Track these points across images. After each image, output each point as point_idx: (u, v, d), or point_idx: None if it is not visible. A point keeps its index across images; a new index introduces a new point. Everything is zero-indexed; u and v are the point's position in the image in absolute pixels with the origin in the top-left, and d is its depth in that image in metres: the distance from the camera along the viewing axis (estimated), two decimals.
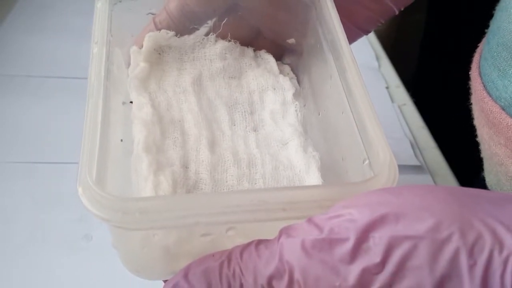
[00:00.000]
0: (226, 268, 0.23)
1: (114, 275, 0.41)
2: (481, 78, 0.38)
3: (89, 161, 0.24)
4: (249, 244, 0.23)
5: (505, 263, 0.19)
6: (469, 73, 0.41)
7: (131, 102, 0.32)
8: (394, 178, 0.25)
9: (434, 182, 0.52)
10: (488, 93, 0.37)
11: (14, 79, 0.59)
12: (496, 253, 0.20)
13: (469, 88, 0.43)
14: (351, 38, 0.39)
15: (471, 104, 0.43)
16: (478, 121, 0.39)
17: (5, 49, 0.63)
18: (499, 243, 0.20)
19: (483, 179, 0.43)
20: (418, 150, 0.55)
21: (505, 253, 0.19)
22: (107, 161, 0.26)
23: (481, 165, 0.44)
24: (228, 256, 0.23)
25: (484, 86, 0.37)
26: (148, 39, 0.34)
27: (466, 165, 0.57)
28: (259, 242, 0.23)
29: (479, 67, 0.39)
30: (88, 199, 0.23)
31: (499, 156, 0.37)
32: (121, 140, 0.30)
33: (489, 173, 0.41)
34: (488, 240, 0.20)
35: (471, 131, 0.44)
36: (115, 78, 0.31)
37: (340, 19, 0.32)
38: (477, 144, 0.44)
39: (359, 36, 0.39)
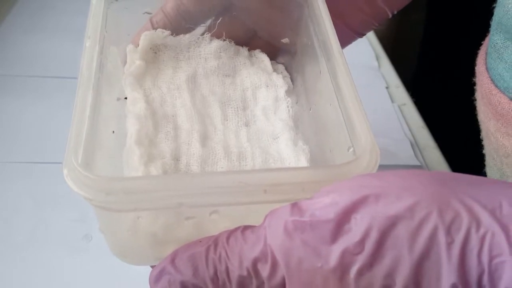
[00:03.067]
0: (213, 252, 0.24)
1: (114, 275, 0.41)
2: (488, 72, 0.39)
3: (75, 144, 0.25)
4: (236, 229, 0.24)
5: (481, 240, 0.20)
6: (475, 68, 0.41)
7: (126, 98, 0.33)
8: (376, 161, 0.25)
9: None
10: (496, 85, 0.38)
11: (14, 79, 0.59)
12: (473, 231, 0.20)
13: (469, 88, 0.43)
14: (346, 41, 0.39)
15: (471, 102, 0.43)
16: (485, 115, 0.40)
17: (5, 49, 0.63)
18: (476, 221, 0.20)
19: (484, 176, 0.43)
20: (418, 150, 0.55)
21: (482, 231, 0.20)
22: (96, 151, 0.27)
23: (481, 164, 0.44)
24: (214, 241, 0.24)
25: (491, 79, 0.38)
26: (144, 38, 0.35)
27: (466, 165, 0.57)
28: (245, 228, 0.24)
29: (485, 62, 0.40)
30: (73, 180, 0.24)
31: (506, 148, 0.38)
32: (113, 132, 0.31)
33: (492, 168, 0.42)
34: (465, 219, 0.20)
35: (471, 130, 0.45)
36: (111, 75, 0.32)
37: (335, 21, 0.33)
38: (476, 143, 0.44)
39: (354, 39, 0.40)
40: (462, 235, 0.20)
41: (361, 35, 0.40)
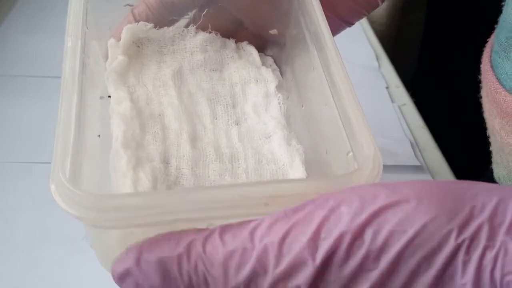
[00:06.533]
0: (186, 262, 0.21)
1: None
2: (494, 71, 0.38)
3: (62, 157, 0.23)
4: (211, 233, 0.21)
5: (495, 258, 0.20)
6: (479, 66, 0.41)
7: (109, 96, 0.31)
8: (379, 170, 0.24)
9: None
10: (502, 84, 0.37)
11: (14, 79, 0.58)
12: (488, 249, 0.20)
13: (469, 88, 0.43)
14: (334, 30, 0.37)
15: (471, 102, 0.43)
16: (490, 113, 0.39)
17: (5, 49, 0.62)
18: (492, 239, 0.20)
19: (490, 173, 0.43)
20: (418, 150, 0.55)
21: (496, 248, 0.20)
22: (82, 158, 0.25)
23: (481, 164, 0.44)
24: (187, 248, 0.21)
25: (497, 78, 0.37)
26: (126, 32, 0.33)
27: (466, 165, 0.57)
28: (223, 230, 0.21)
29: (490, 60, 0.39)
30: (61, 197, 0.22)
31: (511, 146, 0.37)
32: (99, 136, 0.29)
33: (499, 165, 0.40)
34: (483, 237, 0.20)
35: (471, 130, 0.44)
36: (93, 72, 0.30)
37: (323, 11, 0.31)
38: (477, 143, 0.44)
39: (342, 28, 0.38)
40: (478, 253, 0.20)
41: (350, 24, 0.38)
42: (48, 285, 0.40)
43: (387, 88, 0.63)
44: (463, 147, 0.73)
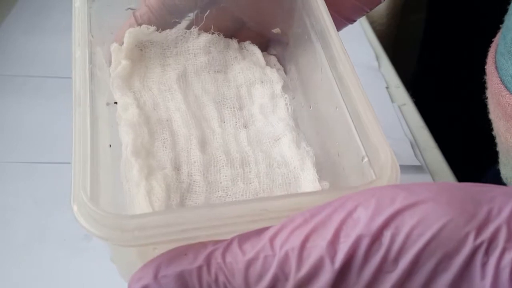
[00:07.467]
0: (206, 273, 0.21)
1: (115, 275, 0.40)
2: (498, 73, 0.37)
3: (82, 176, 0.23)
4: (230, 242, 0.21)
5: None
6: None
7: (115, 102, 0.30)
8: (396, 177, 0.24)
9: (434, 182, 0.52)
10: (506, 86, 0.36)
11: (14, 79, 0.58)
12: (506, 251, 0.20)
13: (469, 88, 0.43)
14: (336, 28, 0.38)
15: (471, 102, 0.43)
16: (495, 115, 0.39)
17: (5, 49, 0.62)
18: (510, 242, 0.20)
19: (491, 173, 0.43)
20: (418, 150, 0.54)
21: None
22: (99, 173, 0.25)
23: (481, 164, 0.44)
24: (206, 259, 0.21)
25: (501, 80, 0.37)
26: (129, 36, 0.33)
27: (466, 165, 0.57)
28: (241, 240, 0.21)
29: (495, 61, 0.38)
30: (85, 218, 0.22)
31: None
32: (110, 146, 0.28)
33: (506, 166, 0.40)
34: (501, 239, 0.20)
35: (471, 130, 0.44)
36: (98, 79, 0.30)
37: None
38: (476, 143, 0.44)
39: (344, 25, 0.38)
40: (496, 255, 0.19)
41: (352, 21, 0.38)
42: (48, 285, 0.40)
43: (387, 88, 0.63)
44: (463, 147, 0.72)
